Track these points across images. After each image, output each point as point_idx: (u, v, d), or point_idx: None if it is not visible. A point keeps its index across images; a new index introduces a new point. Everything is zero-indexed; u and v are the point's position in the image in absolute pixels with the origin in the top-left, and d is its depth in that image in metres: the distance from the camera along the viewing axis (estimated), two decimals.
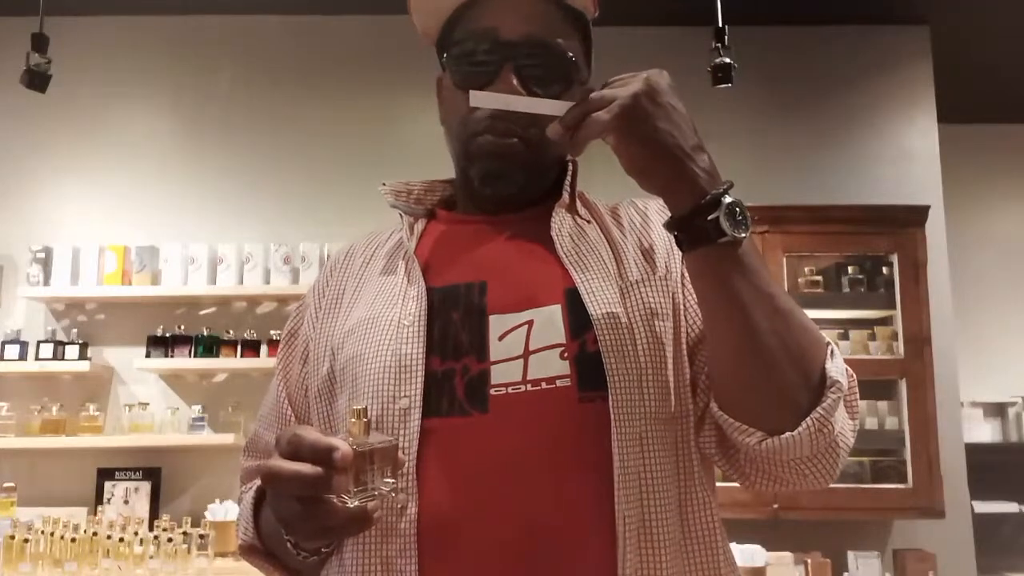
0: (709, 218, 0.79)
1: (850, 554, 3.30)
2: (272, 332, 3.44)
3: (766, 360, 0.82)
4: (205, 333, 3.45)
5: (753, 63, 3.29)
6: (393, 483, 0.73)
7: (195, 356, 3.42)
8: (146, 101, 3.81)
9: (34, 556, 2.89)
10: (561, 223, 0.97)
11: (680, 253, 0.95)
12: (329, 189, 3.68)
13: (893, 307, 3.40)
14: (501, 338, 0.88)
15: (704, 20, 3.08)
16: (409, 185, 1.07)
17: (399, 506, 0.85)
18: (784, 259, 3.39)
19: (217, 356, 3.43)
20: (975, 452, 3.71)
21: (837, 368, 0.84)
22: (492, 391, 0.86)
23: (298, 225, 3.62)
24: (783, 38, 3.85)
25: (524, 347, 0.88)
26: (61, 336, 3.51)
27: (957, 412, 3.62)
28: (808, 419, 0.82)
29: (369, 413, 0.86)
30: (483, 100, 0.90)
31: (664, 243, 0.98)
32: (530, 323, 0.89)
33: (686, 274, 0.94)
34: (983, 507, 3.89)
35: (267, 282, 3.51)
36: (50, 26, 3.08)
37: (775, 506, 3.17)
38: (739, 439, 0.85)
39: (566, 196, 1.01)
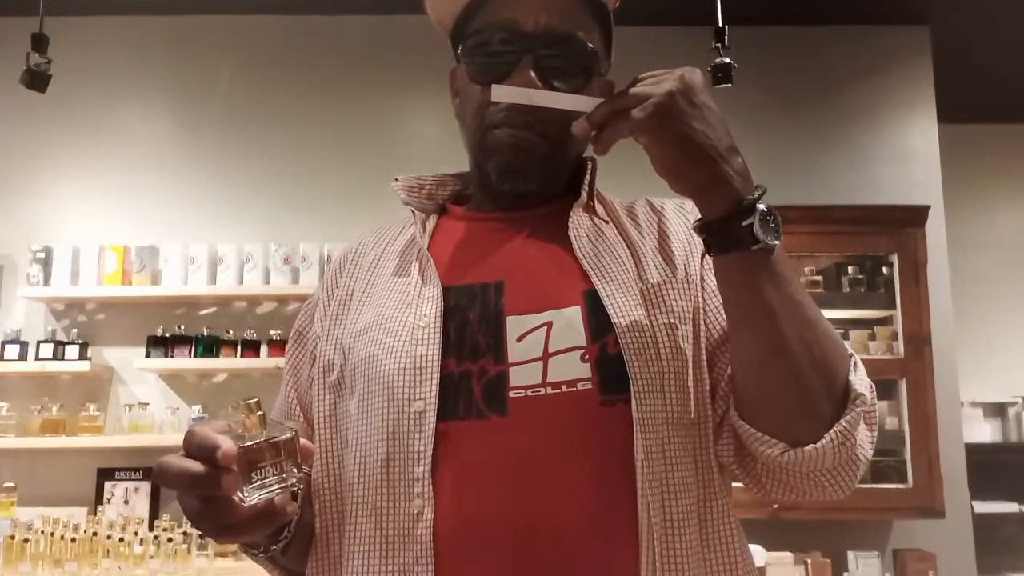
0: (744, 224, 0.76)
1: (850, 554, 3.30)
2: (272, 332, 3.45)
3: (792, 369, 0.79)
4: (205, 333, 3.45)
5: (753, 63, 3.29)
6: (299, 475, 0.71)
7: (195, 356, 3.42)
8: (146, 101, 3.81)
9: (34, 556, 2.88)
10: (579, 223, 0.95)
11: (700, 255, 0.93)
12: (329, 189, 3.68)
13: (893, 307, 3.40)
14: (520, 339, 0.86)
15: (704, 20, 3.08)
16: (420, 180, 1.03)
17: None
18: None
19: (217, 356, 3.43)
20: (975, 452, 3.71)
21: (861, 380, 0.83)
22: (511, 393, 0.83)
23: (298, 225, 3.62)
24: (783, 38, 3.84)
25: (543, 349, 0.85)
26: (61, 336, 3.51)
27: (957, 412, 3.61)
28: (831, 432, 0.80)
29: (389, 413, 0.82)
30: (504, 94, 0.85)
31: (683, 245, 0.95)
32: (549, 324, 0.86)
33: (706, 277, 0.93)
34: (983, 507, 3.89)
35: (267, 282, 3.51)
36: (50, 26, 3.07)
37: (775, 506, 3.16)
38: (759, 449, 0.83)
39: (584, 195, 0.98)
